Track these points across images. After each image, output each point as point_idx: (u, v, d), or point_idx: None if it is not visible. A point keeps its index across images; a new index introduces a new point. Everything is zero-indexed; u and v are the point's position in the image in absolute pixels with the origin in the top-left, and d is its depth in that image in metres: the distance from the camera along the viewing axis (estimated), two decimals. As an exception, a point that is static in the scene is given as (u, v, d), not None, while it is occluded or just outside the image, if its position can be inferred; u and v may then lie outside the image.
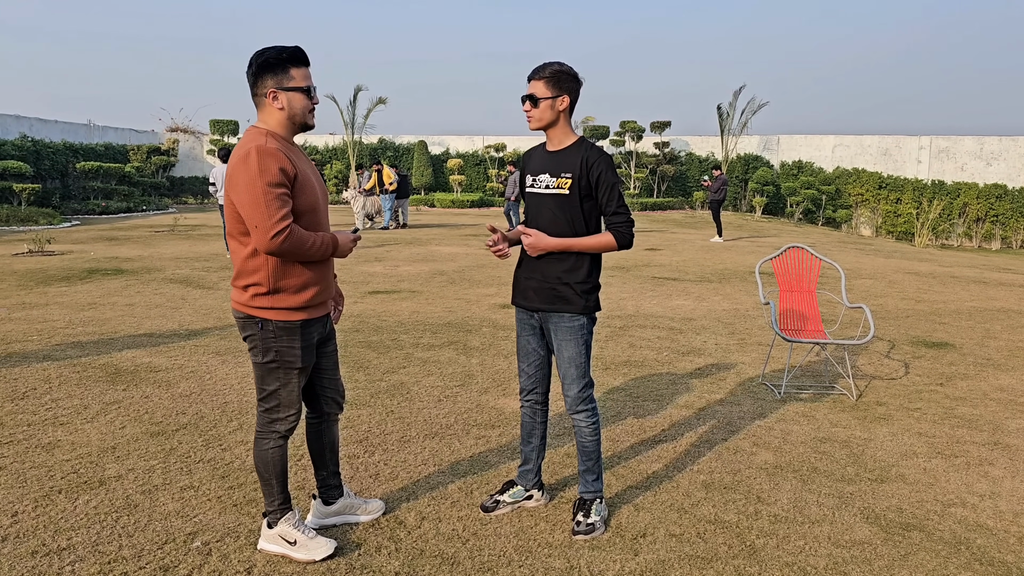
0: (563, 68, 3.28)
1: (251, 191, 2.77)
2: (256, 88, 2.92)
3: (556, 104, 3.29)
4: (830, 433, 4.70)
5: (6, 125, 24.29)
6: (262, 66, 2.89)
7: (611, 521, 3.49)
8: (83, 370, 5.78)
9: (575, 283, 3.31)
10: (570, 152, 3.32)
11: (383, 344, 6.80)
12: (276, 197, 2.79)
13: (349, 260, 13.02)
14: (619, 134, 30.84)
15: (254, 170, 2.77)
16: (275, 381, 3.03)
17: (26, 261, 12.21)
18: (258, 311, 2.94)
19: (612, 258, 13.96)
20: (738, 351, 6.80)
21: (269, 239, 2.79)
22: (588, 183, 3.27)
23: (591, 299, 3.34)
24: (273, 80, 2.91)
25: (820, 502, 3.73)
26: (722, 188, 18.42)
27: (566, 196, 3.29)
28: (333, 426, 3.39)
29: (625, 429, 4.71)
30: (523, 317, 3.49)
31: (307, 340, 3.04)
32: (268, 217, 2.77)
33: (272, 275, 2.92)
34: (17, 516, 3.42)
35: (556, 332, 3.37)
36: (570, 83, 3.29)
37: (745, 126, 29.15)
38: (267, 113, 2.95)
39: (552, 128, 3.35)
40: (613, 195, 3.28)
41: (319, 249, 2.95)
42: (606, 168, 3.25)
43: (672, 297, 9.72)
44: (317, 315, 3.07)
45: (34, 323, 7.46)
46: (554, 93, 3.28)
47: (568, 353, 3.37)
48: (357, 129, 31.90)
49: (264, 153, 2.79)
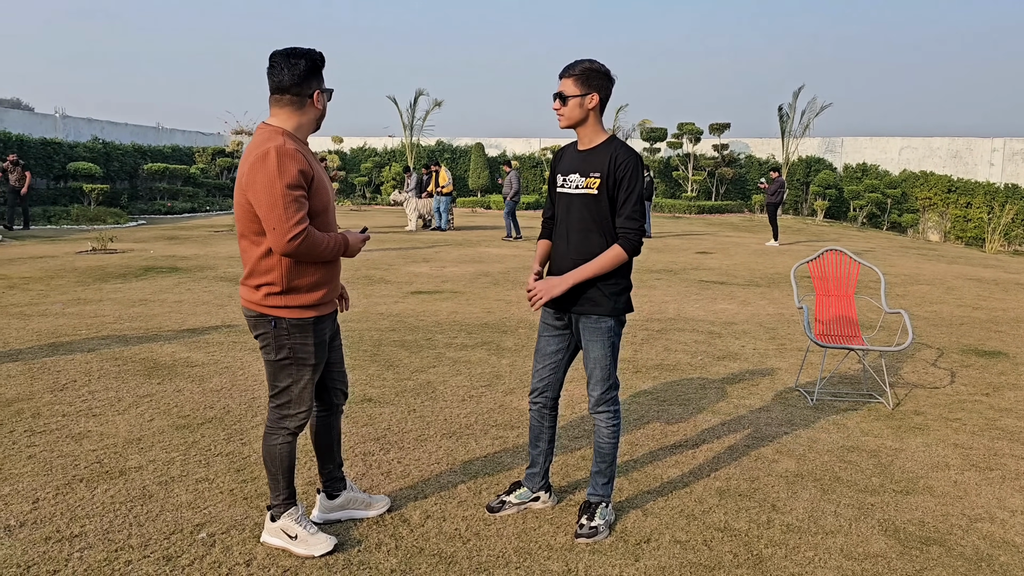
0: (593, 65, 3.24)
1: (270, 192, 2.79)
2: (299, 88, 2.92)
3: (585, 102, 3.23)
4: (859, 442, 4.54)
5: (79, 128, 25.27)
6: (313, 67, 2.94)
7: (617, 525, 3.43)
8: (123, 364, 5.95)
9: (603, 284, 3.25)
10: (599, 151, 3.26)
11: (417, 343, 6.84)
12: (294, 199, 2.80)
13: (396, 260, 13.15)
14: (676, 136, 30.48)
15: (273, 171, 2.79)
16: (287, 378, 3.06)
17: (88, 259, 12.67)
18: (271, 309, 2.97)
19: (661, 261, 13.80)
20: (776, 356, 6.64)
21: (287, 241, 2.81)
22: (615, 183, 3.21)
23: (620, 300, 3.28)
24: (316, 81, 2.96)
25: (838, 512, 3.60)
26: (779, 191, 18.04)
27: (594, 196, 3.24)
28: (338, 418, 3.42)
29: (646, 433, 4.64)
30: (547, 318, 3.46)
31: (319, 336, 3.07)
32: (286, 219, 2.79)
33: (286, 275, 2.94)
34: (38, 503, 3.53)
35: (584, 332, 3.33)
36: (599, 80, 3.24)
37: (807, 128, 28.49)
38: (298, 112, 2.96)
39: (582, 126, 3.30)
40: (631, 199, 3.20)
41: (332, 250, 2.98)
42: (632, 170, 3.19)
43: (716, 301, 9.55)
44: (327, 312, 3.10)
45: (86, 318, 7.73)
46: (583, 91, 3.23)
47: (594, 354, 3.32)
48: (416, 131, 32.26)
49: (284, 154, 2.80)
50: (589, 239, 3.25)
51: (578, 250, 3.27)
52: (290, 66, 2.89)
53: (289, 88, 2.91)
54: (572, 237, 3.29)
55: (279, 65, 2.90)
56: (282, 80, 2.90)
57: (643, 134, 30.44)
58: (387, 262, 12.95)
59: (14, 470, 3.89)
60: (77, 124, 25.25)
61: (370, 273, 11.51)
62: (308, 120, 2.99)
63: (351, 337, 7.02)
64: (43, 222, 19.40)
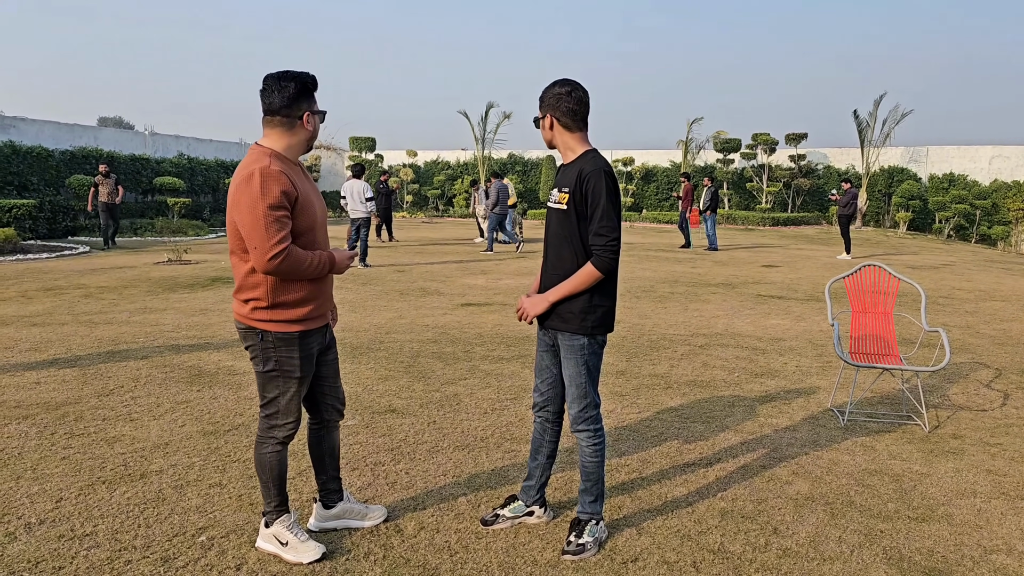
0: (551, 88, 3.32)
1: (252, 213, 2.89)
2: (289, 109, 3.02)
3: (545, 124, 3.34)
4: (884, 465, 4.38)
5: (166, 144, 26.48)
6: (303, 89, 3.04)
7: (609, 543, 3.41)
8: (170, 371, 6.22)
9: (575, 302, 3.26)
10: (572, 166, 3.30)
11: (454, 355, 6.92)
12: (276, 220, 2.89)
13: (455, 272, 13.31)
14: (751, 147, 29.90)
15: (256, 192, 2.88)
16: (275, 389, 3.16)
17: (163, 270, 13.26)
18: (258, 323, 3.08)
19: (721, 274, 13.56)
20: (818, 374, 6.45)
21: (267, 260, 2.91)
22: (583, 197, 3.21)
23: (589, 319, 3.27)
24: (306, 103, 3.06)
25: (842, 538, 3.48)
26: (851, 202, 17.49)
27: (564, 211, 3.27)
28: (333, 432, 3.50)
29: (661, 451, 4.58)
30: (540, 334, 3.49)
31: (306, 350, 3.16)
32: (267, 239, 2.89)
33: (271, 291, 3.04)
34: (60, 502, 3.74)
35: (561, 349, 3.35)
36: (551, 101, 3.30)
37: (888, 137, 27.54)
38: (288, 133, 3.06)
39: (557, 145, 3.38)
40: (597, 213, 3.17)
41: (316, 268, 3.06)
42: (596, 181, 3.16)
43: (769, 316, 9.33)
44: (315, 326, 3.19)
45: (146, 326, 8.10)
46: (541, 115, 3.36)
47: (568, 371, 3.33)
48: (487, 144, 32.58)
49: (267, 175, 2.90)
50: (562, 254, 3.27)
51: (554, 264, 3.30)
52: (280, 89, 3.00)
53: (279, 110, 3.02)
54: (550, 252, 3.34)
55: (270, 88, 3.01)
56: (272, 102, 3.01)
57: (717, 145, 29.97)
58: (445, 274, 13.12)
59: (47, 470, 4.13)
60: (165, 140, 26.46)
61: (426, 285, 11.69)
62: (298, 141, 3.09)
63: (391, 348, 7.16)
64: (129, 234, 20.38)
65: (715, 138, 30.07)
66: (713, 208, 18.51)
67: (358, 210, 14.01)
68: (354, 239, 14.08)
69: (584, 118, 3.31)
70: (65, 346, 7.07)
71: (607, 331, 3.33)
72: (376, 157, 34.58)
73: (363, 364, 6.54)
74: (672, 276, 13.22)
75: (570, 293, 3.20)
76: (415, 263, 14.86)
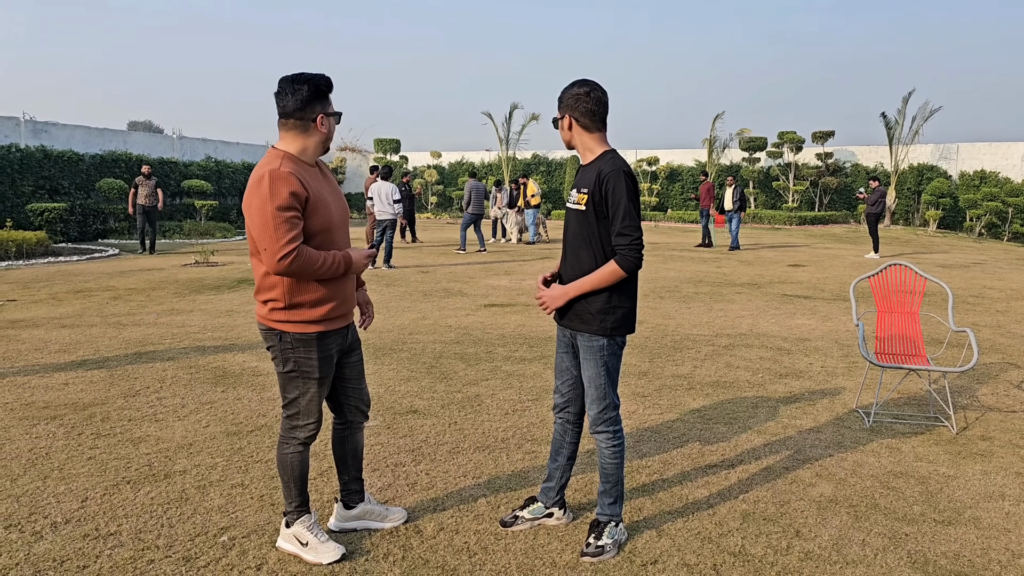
0: (570, 88, 3.32)
1: (262, 214, 2.91)
2: (302, 112, 3.03)
3: (564, 124, 3.34)
4: (910, 467, 4.32)
5: (194, 148, 26.80)
6: (316, 92, 3.04)
7: (628, 545, 3.39)
8: (195, 372, 6.29)
9: (593, 302, 3.25)
10: (591, 167, 3.29)
11: (476, 356, 6.93)
12: (285, 220, 2.91)
13: (478, 273, 13.33)
14: (777, 145, 29.63)
15: (266, 194, 2.91)
16: (295, 390, 3.18)
17: (190, 271, 13.41)
18: (276, 324, 3.10)
19: (747, 274, 13.45)
20: (844, 375, 6.37)
21: (276, 261, 2.92)
22: (602, 198, 3.20)
23: (609, 320, 3.26)
24: (320, 105, 3.06)
25: (866, 542, 3.44)
26: (879, 201, 17.28)
27: (583, 212, 3.26)
28: (357, 433, 3.51)
29: (683, 452, 4.55)
30: (560, 334, 3.48)
31: (324, 351, 3.17)
32: (276, 240, 2.90)
33: (288, 292, 3.06)
34: (86, 501, 3.79)
35: (580, 350, 3.34)
36: (569, 102, 3.31)
37: (916, 134, 27.16)
38: (303, 136, 3.07)
39: (576, 146, 3.37)
40: (619, 213, 3.16)
41: (329, 268, 3.05)
42: (616, 181, 3.16)
43: (795, 316, 9.23)
44: (335, 327, 3.19)
45: (173, 327, 8.20)
46: (560, 115, 3.36)
47: (588, 372, 3.32)
48: (511, 145, 32.60)
49: (276, 177, 2.92)
50: (580, 256, 3.26)
51: (572, 265, 3.30)
52: (294, 92, 3.01)
53: (293, 113, 3.03)
54: (568, 253, 3.33)
55: (284, 91, 3.03)
56: (286, 105, 3.03)
57: (741, 143, 29.74)
58: (469, 275, 13.14)
59: (73, 470, 4.19)
60: (193, 144, 26.77)
61: (449, 286, 11.71)
62: (313, 143, 3.10)
63: (414, 349, 7.18)
64: (157, 236, 20.64)
65: (739, 136, 29.82)
66: (742, 207, 18.33)
67: (385, 211, 14.08)
68: (378, 240, 14.14)
69: (603, 118, 3.31)
70: (93, 347, 7.17)
71: (627, 332, 3.32)
72: (401, 159, 34.72)
73: (386, 365, 6.57)
74: (697, 276, 13.13)
75: (591, 288, 3.20)
76: (439, 264, 14.90)
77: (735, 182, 18.52)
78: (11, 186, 18.91)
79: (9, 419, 5.02)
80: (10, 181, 18.88)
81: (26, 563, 3.18)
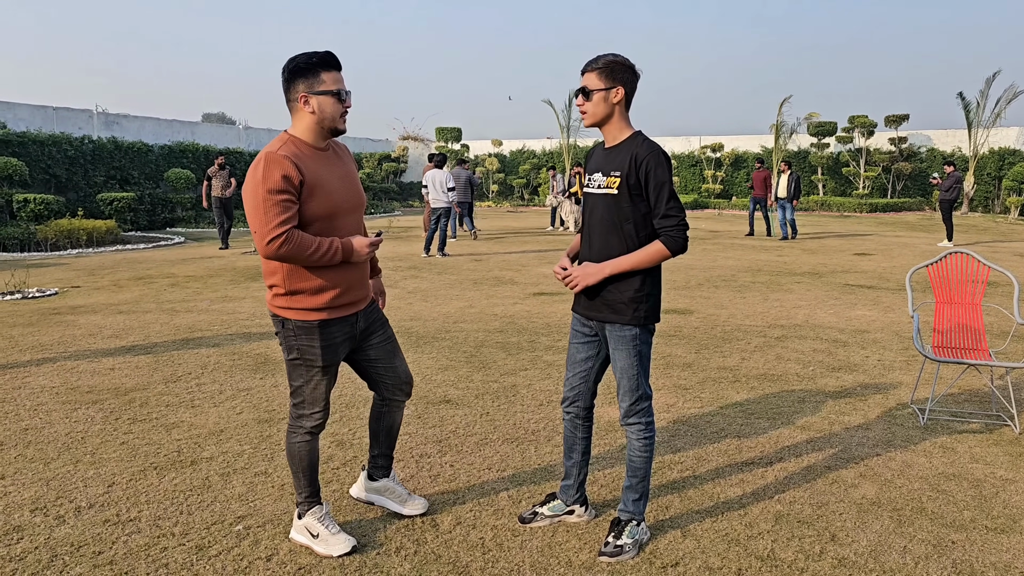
0: (617, 59, 3.10)
1: (254, 197, 2.85)
2: (288, 93, 2.96)
3: (610, 96, 3.09)
4: (964, 469, 4.04)
5: (259, 137, 27.32)
6: (293, 71, 2.93)
7: (650, 545, 3.24)
8: (238, 358, 6.34)
9: (624, 291, 3.11)
10: (622, 148, 3.13)
11: (518, 345, 6.82)
12: (275, 203, 2.82)
13: (531, 261, 13.21)
14: (847, 130, 28.64)
15: (259, 177, 2.84)
16: (299, 378, 3.12)
17: (249, 259, 13.64)
18: (280, 310, 3.04)
19: (809, 263, 13.00)
20: (902, 369, 6.05)
21: (265, 244, 2.85)
22: (637, 181, 3.05)
23: (642, 309, 3.12)
24: (304, 84, 2.93)
25: (907, 548, 3.21)
26: (954, 187, 16.50)
27: (615, 196, 3.11)
28: (395, 412, 3.43)
29: (719, 448, 4.36)
30: (576, 324, 3.35)
31: (327, 339, 3.07)
32: (265, 223, 2.82)
33: (287, 278, 2.98)
34: (112, 487, 3.82)
35: (610, 341, 3.20)
36: (624, 74, 3.10)
37: (999, 117, 25.89)
38: (298, 118, 2.99)
39: (607, 124, 3.17)
40: (663, 195, 3.03)
41: (324, 255, 2.93)
42: (655, 165, 3.01)
43: (855, 307, 8.85)
44: (340, 315, 3.09)
45: (223, 314, 8.32)
46: (608, 84, 3.09)
47: (620, 364, 3.18)
48: (572, 132, 32.32)
49: (270, 160, 2.84)
50: (609, 242, 3.10)
51: (599, 253, 3.13)
52: (282, 78, 2.96)
53: (286, 96, 2.98)
54: (594, 240, 3.16)
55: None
56: (282, 88, 2.98)
57: (810, 128, 28.86)
58: (521, 263, 13.03)
59: (105, 454, 4.24)
60: (258, 134, 27.30)
61: (500, 274, 11.63)
62: (307, 124, 2.97)
63: (456, 338, 7.11)
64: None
65: (808, 120, 28.92)
66: (796, 196, 17.63)
67: (440, 200, 14.08)
68: (433, 228, 14.15)
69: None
70: (144, 333, 7.31)
71: (656, 320, 3.18)
72: (462, 147, 34.78)
73: (425, 354, 6.51)
74: (755, 265, 12.75)
75: (629, 268, 3.06)
76: (493, 252, 14.83)
77: (789, 169, 17.84)
78: (84, 176, 19.58)
79: (53, 403, 5.13)
80: (83, 172, 19.55)
81: (45, 547, 3.21)
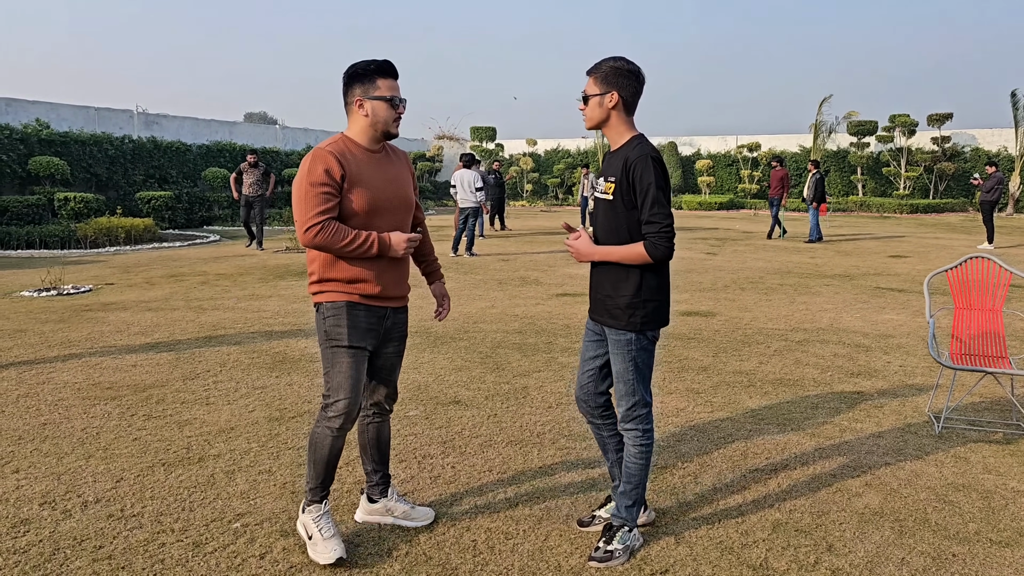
0: (617, 64, 3.11)
1: (298, 188, 3.04)
2: (346, 96, 3.15)
3: (605, 101, 3.11)
4: (975, 480, 3.95)
5: (295, 137, 27.68)
6: (351, 76, 3.11)
7: (642, 551, 3.22)
8: (256, 356, 6.44)
9: (620, 297, 3.11)
10: (619, 153, 3.13)
11: (534, 346, 6.82)
12: (316, 195, 2.98)
13: (559, 261, 13.19)
14: (888, 129, 28.10)
15: (304, 170, 3.04)
16: (327, 363, 3.15)
17: (279, 258, 13.83)
18: (315, 296, 3.19)
19: (841, 265, 12.79)
20: (924, 375, 5.92)
21: (304, 231, 3.01)
22: (629, 186, 3.05)
23: (638, 315, 3.10)
24: (360, 89, 3.10)
25: (905, 561, 3.15)
26: (996, 188, 16.12)
27: (611, 202, 3.11)
28: (383, 424, 3.44)
29: (724, 454, 4.31)
30: (589, 323, 3.37)
31: (353, 320, 3.11)
32: (305, 212, 2.99)
33: (322, 266, 3.13)
34: (119, 482, 3.91)
35: (609, 344, 3.20)
36: (621, 79, 3.10)
37: (1046, 115, 25.19)
38: (353, 120, 3.16)
39: (606, 127, 3.18)
40: (647, 199, 3.01)
41: (358, 247, 3.03)
42: (642, 168, 3.00)
43: (884, 310, 8.69)
44: (369, 304, 3.14)
45: (248, 312, 8.44)
46: (603, 90, 3.11)
47: (616, 367, 3.18)
48: (607, 132, 32.17)
49: (316, 155, 3.04)
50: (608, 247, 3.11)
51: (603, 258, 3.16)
52: (342, 80, 3.14)
53: (344, 99, 3.16)
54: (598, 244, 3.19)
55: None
56: (342, 92, 3.16)
57: (849, 128, 28.37)
58: (549, 263, 13.02)
59: (117, 450, 4.33)
60: (294, 134, 27.66)
61: (526, 274, 11.63)
62: (361, 127, 3.13)
63: (474, 338, 7.13)
64: (258, 223, 21.44)
65: (847, 119, 28.44)
66: (821, 198, 17.28)
67: (468, 199, 14.13)
68: (461, 228, 14.21)
69: (637, 103, 3.16)
70: (169, 331, 7.46)
71: (659, 326, 3.16)
72: (497, 147, 34.83)
73: (441, 354, 6.55)
74: (785, 267, 12.58)
75: (615, 260, 3.09)
76: (522, 252, 14.84)
77: (815, 168, 17.50)
78: (123, 175, 20.02)
79: (73, 398, 5.26)
80: (123, 171, 19.99)
81: (49, 540, 3.30)
